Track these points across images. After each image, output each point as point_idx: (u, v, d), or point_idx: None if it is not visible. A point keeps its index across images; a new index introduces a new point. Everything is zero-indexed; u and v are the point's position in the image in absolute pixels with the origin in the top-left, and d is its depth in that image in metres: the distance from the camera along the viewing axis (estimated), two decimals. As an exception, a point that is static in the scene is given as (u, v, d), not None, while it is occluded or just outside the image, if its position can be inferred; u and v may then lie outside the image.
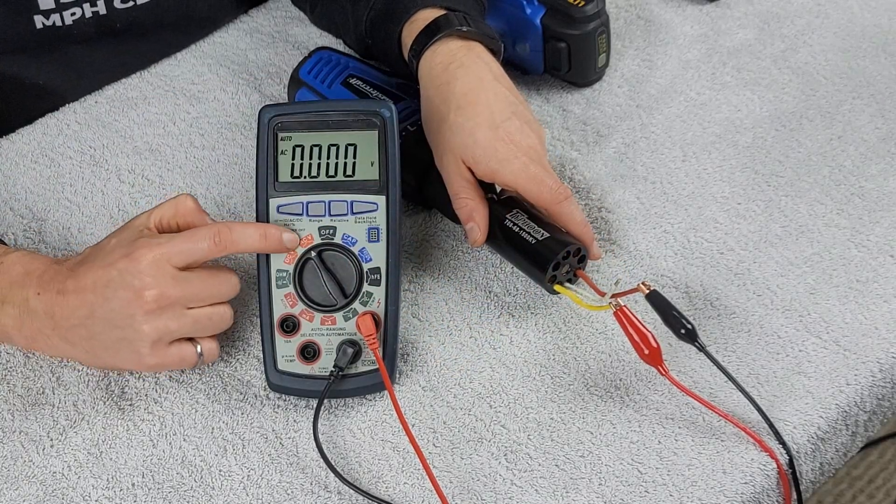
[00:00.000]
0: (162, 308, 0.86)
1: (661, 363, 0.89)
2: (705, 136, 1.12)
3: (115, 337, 0.87)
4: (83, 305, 0.87)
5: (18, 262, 0.91)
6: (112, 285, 0.86)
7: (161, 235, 0.88)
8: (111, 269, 0.86)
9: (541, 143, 0.96)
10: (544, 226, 0.95)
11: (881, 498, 1.83)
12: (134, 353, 0.87)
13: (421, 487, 0.86)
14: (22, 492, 0.87)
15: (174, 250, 0.86)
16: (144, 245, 0.86)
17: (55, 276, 0.89)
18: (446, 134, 0.95)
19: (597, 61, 1.14)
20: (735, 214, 1.04)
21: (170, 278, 0.85)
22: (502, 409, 0.91)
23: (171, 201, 0.90)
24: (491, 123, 0.94)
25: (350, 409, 0.91)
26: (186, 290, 0.86)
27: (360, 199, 0.90)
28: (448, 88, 0.95)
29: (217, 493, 0.86)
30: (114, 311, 0.86)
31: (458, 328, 0.96)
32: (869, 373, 0.92)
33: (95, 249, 0.90)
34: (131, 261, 0.85)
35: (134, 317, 0.86)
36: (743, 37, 1.22)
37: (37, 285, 0.89)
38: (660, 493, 0.85)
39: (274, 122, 0.91)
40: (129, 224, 0.90)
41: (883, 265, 1.00)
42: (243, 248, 0.88)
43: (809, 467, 0.90)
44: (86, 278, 0.87)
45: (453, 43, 0.98)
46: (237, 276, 0.90)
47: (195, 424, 0.90)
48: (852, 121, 1.12)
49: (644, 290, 0.90)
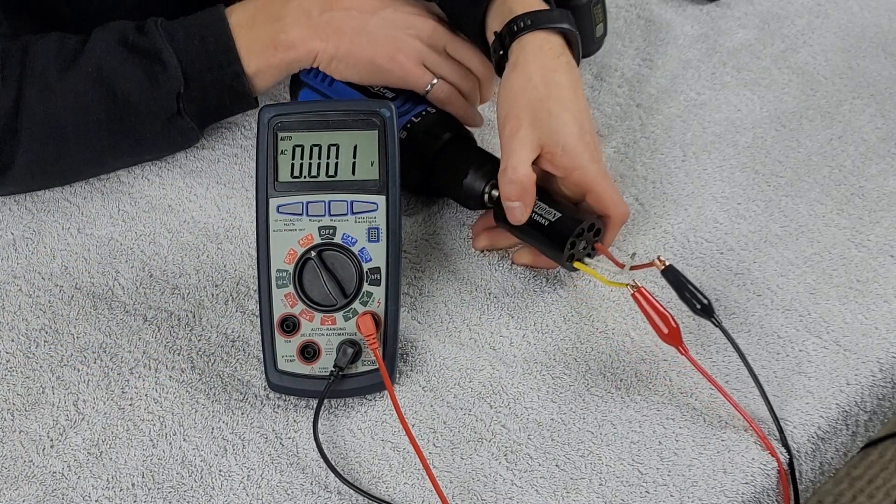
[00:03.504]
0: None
1: (681, 343, 0.89)
2: (705, 135, 1.12)
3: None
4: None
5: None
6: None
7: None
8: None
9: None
10: (555, 205, 0.95)
11: (881, 498, 1.83)
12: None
13: (421, 487, 0.86)
14: (22, 492, 0.87)
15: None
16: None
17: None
18: (539, 112, 0.96)
19: (594, 31, 1.14)
20: (735, 214, 1.04)
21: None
22: (502, 409, 0.90)
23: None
24: (581, 126, 0.97)
25: (350, 409, 0.91)
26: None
27: (360, 198, 0.90)
28: (553, 76, 0.97)
29: (217, 493, 0.86)
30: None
31: (457, 328, 0.96)
32: (869, 373, 0.92)
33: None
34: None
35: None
36: (743, 37, 1.22)
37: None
38: (660, 493, 0.85)
39: (274, 121, 0.91)
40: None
41: (883, 265, 1.00)
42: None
43: (809, 467, 0.90)
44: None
45: (558, 39, 1.00)
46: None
47: (195, 424, 0.90)
48: (852, 121, 1.12)
49: (660, 265, 0.90)
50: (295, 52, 1.02)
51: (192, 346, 0.95)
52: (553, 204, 0.96)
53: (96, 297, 0.99)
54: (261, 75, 1.03)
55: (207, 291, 0.99)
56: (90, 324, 0.97)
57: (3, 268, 1.02)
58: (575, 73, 0.99)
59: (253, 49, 1.02)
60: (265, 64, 1.02)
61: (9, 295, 0.99)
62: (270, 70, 1.03)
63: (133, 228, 1.05)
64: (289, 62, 1.03)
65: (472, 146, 1.04)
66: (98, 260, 1.02)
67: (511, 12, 1.00)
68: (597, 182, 0.96)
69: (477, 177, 0.99)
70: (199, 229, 1.04)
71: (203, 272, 1.01)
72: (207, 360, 0.94)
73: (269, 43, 1.02)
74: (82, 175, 1.07)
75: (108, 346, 0.95)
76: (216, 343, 0.96)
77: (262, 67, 1.02)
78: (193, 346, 0.95)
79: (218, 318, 0.97)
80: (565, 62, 0.99)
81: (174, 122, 1.03)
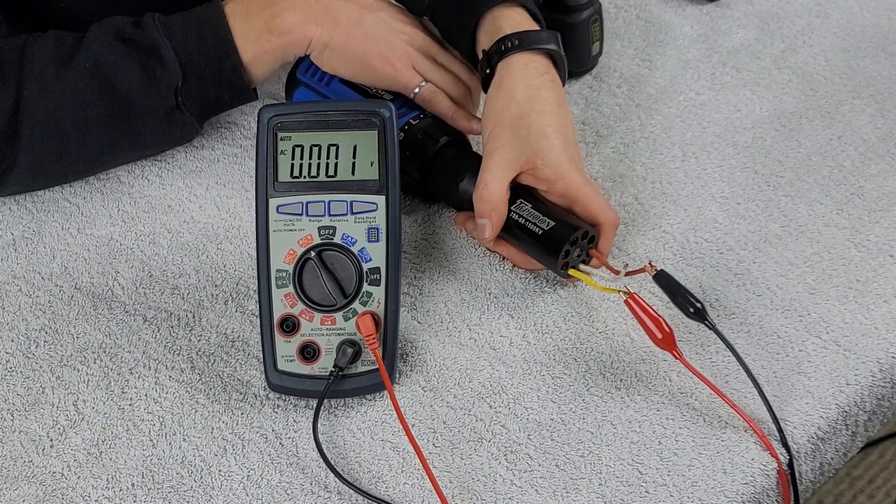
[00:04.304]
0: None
1: (674, 347, 0.89)
2: (705, 136, 1.12)
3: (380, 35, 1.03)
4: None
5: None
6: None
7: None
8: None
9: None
10: (548, 213, 0.95)
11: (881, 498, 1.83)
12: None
13: (421, 487, 0.86)
14: (22, 492, 0.87)
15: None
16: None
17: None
18: (520, 129, 0.97)
19: (591, 49, 1.14)
20: (735, 214, 1.04)
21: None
22: (502, 409, 0.90)
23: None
24: (565, 138, 0.98)
25: (350, 409, 0.91)
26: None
27: (360, 198, 0.90)
28: (537, 92, 0.98)
29: (217, 493, 0.86)
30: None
31: (457, 328, 0.96)
32: (869, 373, 0.92)
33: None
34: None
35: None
36: (743, 37, 1.22)
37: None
38: (660, 494, 0.85)
39: (274, 121, 0.91)
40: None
41: (883, 265, 1.00)
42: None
43: (809, 467, 0.90)
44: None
45: (544, 59, 1.01)
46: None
47: (195, 424, 0.90)
48: (852, 121, 1.12)
49: (651, 270, 0.90)
50: (290, 37, 1.02)
51: (192, 346, 0.95)
52: (547, 212, 0.96)
53: (96, 297, 0.99)
54: (256, 62, 1.03)
55: (207, 291, 0.99)
56: (90, 324, 0.97)
57: (3, 268, 1.02)
58: (559, 90, 1.00)
59: (248, 36, 1.02)
60: (260, 50, 1.02)
61: (9, 295, 1.00)
62: (266, 57, 1.03)
63: (133, 228, 1.05)
64: (283, 47, 1.03)
65: (468, 151, 1.04)
66: (98, 260, 1.02)
67: (500, 31, 1.01)
68: (582, 191, 0.96)
69: (472, 182, 0.99)
70: (199, 229, 1.04)
71: (203, 272, 1.01)
72: (207, 361, 0.94)
73: (263, 28, 1.02)
74: (83, 174, 1.07)
75: (107, 346, 0.95)
76: (216, 343, 0.96)
77: (257, 54, 1.02)
78: (193, 346, 0.95)
79: (218, 319, 0.97)
80: (549, 80, 1.00)
81: (173, 116, 1.03)
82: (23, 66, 1.00)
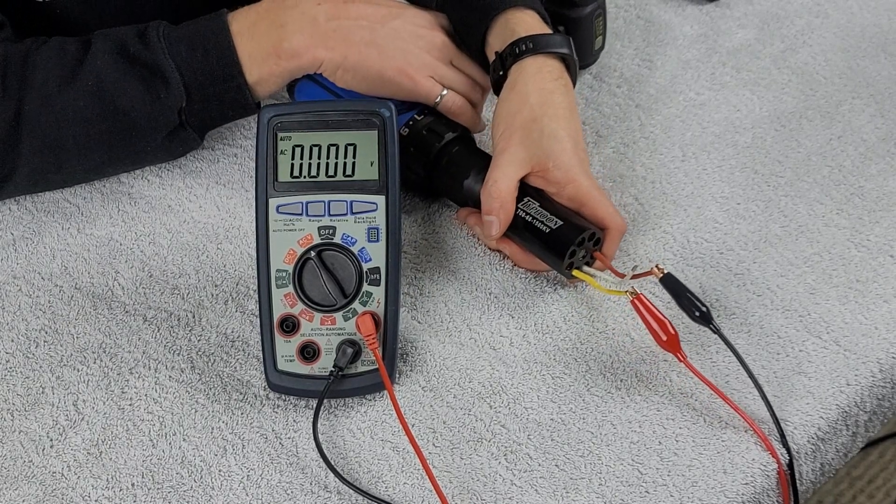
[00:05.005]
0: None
1: (679, 350, 0.89)
2: (704, 136, 1.12)
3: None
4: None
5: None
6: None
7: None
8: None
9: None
10: (556, 212, 0.95)
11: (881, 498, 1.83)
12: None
13: (421, 487, 0.86)
14: (22, 492, 0.87)
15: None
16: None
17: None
18: (532, 131, 0.97)
19: (594, 44, 1.15)
20: (735, 214, 1.04)
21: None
22: (502, 409, 0.90)
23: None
24: (575, 143, 0.98)
25: (350, 409, 0.91)
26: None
27: (360, 198, 0.90)
28: (551, 97, 0.99)
29: (217, 493, 0.86)
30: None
31: (457, 328, 0.96)
32: (869, 373, 0.92)
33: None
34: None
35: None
36: (742, 37, 1.22)
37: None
38: (660, 494, 0.85)
39: (274, 121, 0.91)
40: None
41: (883, 265, 1.00)
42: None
43: (810, 468, 0.90)
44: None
45: (558, 63, 1.01)
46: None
47: (195, 424, 0.90)
48: (852, 121, 1.12)
49: (658, 273, 0.91)
50: (298, 61, 1.01)
51: (192, 346, 0.95)
52: (555, 211, 0.96)
53: (96, 297, 0.99)
54: (263, 83, 1.02)
55: (207, 291, 0.99)
56: (90, 324, 0.97)
57: (3, 268, 1.02)
58: (571, 95, 1.01)
59: (255, 58, 1.01)
60: (267, 72, 1.01)
61: (9, 295, 0.99)
62: (273, 78, 1.02)
63: (133, 228, 1.05)
64: (292, 70, 1.02)
65: (473, 148, 1.04)
66: (98, 260, 1.02)
67: (513, 34, 1.01)
68: (591, 195, 0.97)
69: (478, 179, 0.99)
70: (198, 229, 1.04)
71: (203, 272, 1.01)
72: (207, 360, 0.94)
73: (271, 51, 1.00)
74: (82, 182, 1.07)
75: (107, 346, 0.95)
76: (216, 343, 0.96)
77: (264, 76, 1.01)
78: (193, 346, 0.95)
79: (218, 318, 0.97)
80: (563, 84, 1.00)
81: (176, 133, 1.03)
82: (25, 76, 0.99)
